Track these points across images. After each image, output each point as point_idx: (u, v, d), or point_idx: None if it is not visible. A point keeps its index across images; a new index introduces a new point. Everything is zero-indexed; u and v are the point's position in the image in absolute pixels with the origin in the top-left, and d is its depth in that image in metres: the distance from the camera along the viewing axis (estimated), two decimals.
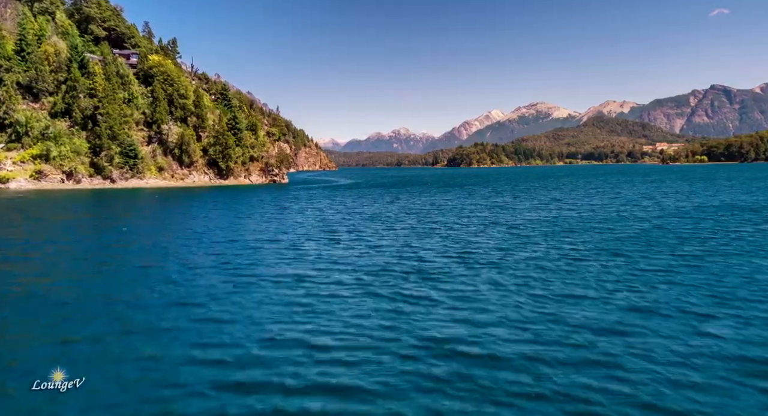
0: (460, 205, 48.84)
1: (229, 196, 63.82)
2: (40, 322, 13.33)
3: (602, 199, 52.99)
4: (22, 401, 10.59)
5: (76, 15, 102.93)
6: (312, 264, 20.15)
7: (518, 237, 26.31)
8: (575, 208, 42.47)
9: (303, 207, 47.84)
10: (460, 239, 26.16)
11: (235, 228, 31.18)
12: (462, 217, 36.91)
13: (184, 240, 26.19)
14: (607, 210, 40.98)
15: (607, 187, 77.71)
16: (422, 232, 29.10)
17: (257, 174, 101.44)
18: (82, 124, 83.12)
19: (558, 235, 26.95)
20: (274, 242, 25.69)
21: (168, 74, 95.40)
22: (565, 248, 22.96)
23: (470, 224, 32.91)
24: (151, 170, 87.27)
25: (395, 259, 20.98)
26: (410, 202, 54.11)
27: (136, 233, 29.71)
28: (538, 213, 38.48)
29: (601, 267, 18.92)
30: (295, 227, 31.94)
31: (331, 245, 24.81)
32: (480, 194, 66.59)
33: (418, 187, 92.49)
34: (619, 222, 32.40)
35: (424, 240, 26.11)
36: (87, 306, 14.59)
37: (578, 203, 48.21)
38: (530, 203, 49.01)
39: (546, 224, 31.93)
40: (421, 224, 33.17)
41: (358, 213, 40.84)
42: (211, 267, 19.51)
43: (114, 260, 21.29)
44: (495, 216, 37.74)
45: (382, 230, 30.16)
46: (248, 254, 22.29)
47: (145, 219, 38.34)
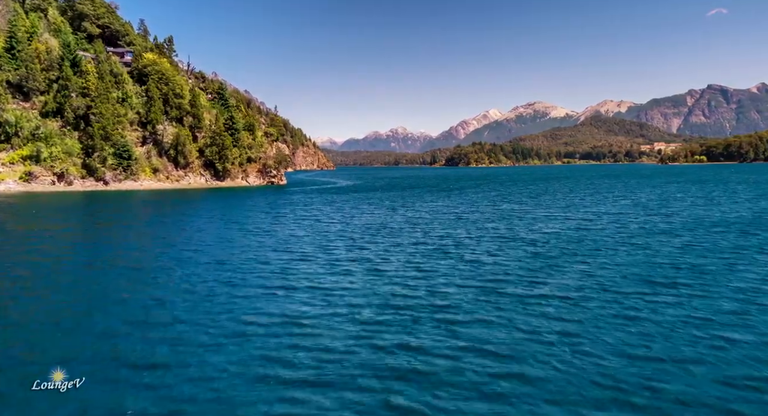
0: (468, 213, 46.12)
1: (223, 201, 61.48)
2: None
3: (618, 206, 50.29)
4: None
5: (69, 12, 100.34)
6: (302, 298, 17.29)
7: (540, 259, 23.68)
8: (594, 219, 39.31)
9: (300, 215, 45.14)
10: (475, 261, 23.51)
11: (224, 245, 28.45)
12: (472, 230, 34.21)
13: (165, 262, 23.64)
14: (630, 220, 38.19)
15: (617, 191, 74.80)
16: (430, 250, 26.49)
17: (255, 175, 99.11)
18: (74, 124, 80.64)
19: (586, 256, 24.28)
20: (264, 264, 23.09)
21: (163, 73, 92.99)
22: (601, 276, 20.07)
23: (482, 238, 30.39)
24: (145, 172, 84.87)
25: (401, 289, 18.40)
26: (413, 208, 51.37)
27: (109, 251, 26.85)
28: (555, 226, 35.86)
29: (657, 305, 16.04)
30: (289, 243, 29.26)
31: (328, 268, 22.21)
32: (487, 199, 63.91)
33: (420, 190, 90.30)
34: (649, 238, 29.53)
35: (433, 261, 23.58)
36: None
37: (595, 211, 45.24)
38: (542, 211, 46.42)
39: (567, 240, 29.21)
40: (428, 238, 30.53)
41: (358, 224, 38.30)
42: (184, 307, 16.33)
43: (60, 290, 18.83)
44: (508, 228, 35.06)
45: (384, 247, 27.55)
46: (232, 282, 19.58)
47: (125, 232, 34.96)
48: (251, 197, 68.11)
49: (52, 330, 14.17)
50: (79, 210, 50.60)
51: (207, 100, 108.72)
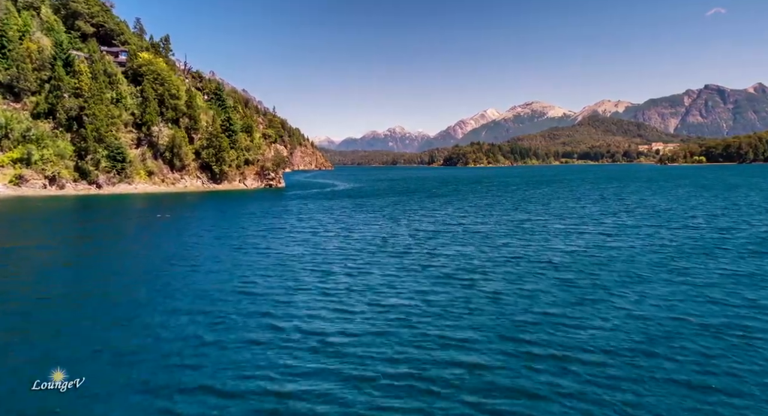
0: (475, 225, 42.84)
1: (217, 208, 58.87)
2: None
3: (636, 216, 46.90)
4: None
5: (63, 10, 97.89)
6: (290, 350, 14.51)
7: (568, 291, 20.68)
8: (616, 234, 35.93)
9: (295, 227, 41.67)
10: (493, 294, 20.63)
11: (209, 269, 25.37)
12: (484, 248, 31.10)
13: (139, 290, 20.90)
14: (655, 235, 35.06)
15: (626, 197, 71.72)
16: (439, 277, 23.57)
17: (252, 178, 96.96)
18: (66, 126, 78.37)
19: (621, 287, 21.25)
20: (249, 296, 20.25)
21: (158, 73, 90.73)
22: (649, 318, 17.17)
23: (496, 259, 27.54)
24: (140, 174, 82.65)
25: (412, 338, 15.44)
26: (415, 218, 48.03)
27: (74, 281, 23.30)
28: (575, 242, 32.70)
29: (731, 364, 13.40)
30: (281, 266, 26.22)
31: (323, 304, 19.27)
32: (492, 207, 60.63)
33: (420, 194, 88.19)
34: (688, 260, 26.33)
35: (444, 293, 20.71)
36: None
37: (613, 224, 42.06)
38: (556, 223, 43.54)
39: (594, 263, 25.99)
40: (435, 260, 27.51)
41: (356, 239, 35.31)
42: (146, 356, 13.76)
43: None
44: (523, 245, 31.93)
45: (387, 272, 24.69)
46: (213, 324, 16.77)
47: (103, 252, 30.97)
48: (247, 203, 65.49)
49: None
50: (65, 219, 48.32)
51: (204, 100, 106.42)
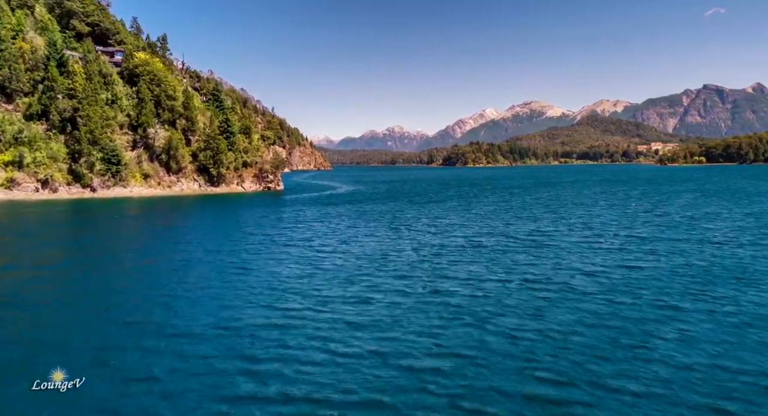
0: (482, 237, 39.65)
1: (212, 215, 56.81)
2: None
3: (656, 229, 42.52)
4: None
5: (57, 9, 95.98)
6: (274, 405, 12.45)
7: (602, 332, 18.08)
8: (639, 251, 32.44)
9: (290, 239, 39.13)
10: (513, 331, 17.76)
11: (192, 293, 22.90)
12: (496, 269, 27.88)
13: (109, 322, 18.64)
14: (683, 255, 31.34)
15: (635, 202, 68.33)
16: (448, 306, 20.78)
17: (251, 180, 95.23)
18: (60, 128, 76.57)
19: (660, 324, 18.52)
20: (233, 332, 17.60)
21: (155, 73, 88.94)
22: (705, 372, 14.72)
23: (510, 283, 24.73)
24: (135, 177, 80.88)
25: (416, 391, 13.23)
26: (417, 228, 45.03)
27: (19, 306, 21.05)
28: (597, 262, 29.76)
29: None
30: (270, 288, 23.73)
31: (312, 344, 16.78)
32: (497, 214, 57.19)
33: (421, 197, 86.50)
34: (728, 286, 23.72)
35: (459, 335, 17.79)
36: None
37: (630, 235, 38.78)
38: (569, 236, 39.88)
39: (625, 292, 23.07)
40: (443, 281, 24.98)
41: (358, 255, 32.60)
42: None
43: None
44: (539, 264, 29.13)
45: (393, 301, 21.86)
46: (187, 357, 14.69)
47: (81, 269, 28.22)
48: (243, 209, 63.29)
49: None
50: (53, 226, 46.64)
51: (201, 101, 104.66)
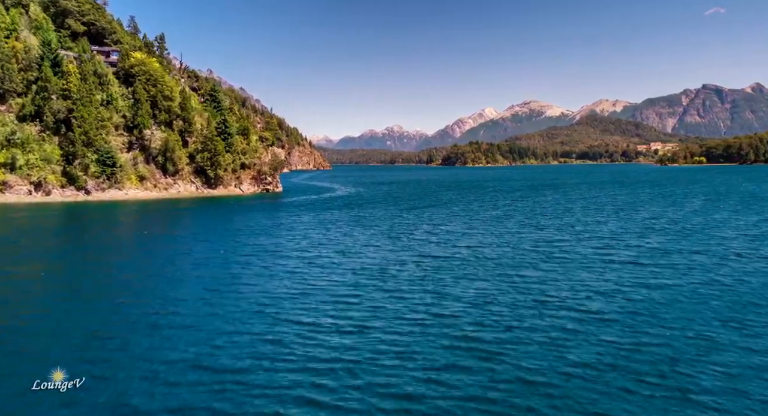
0: (488, 247, 36.04)
1: (205, 221, 54.53)
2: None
3: (669, 239, 39.16)
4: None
5: (52, 8, 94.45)
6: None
7: (632, 369, 15.85)
8: (656, 265, 29.66)
9: (285, 249, 36.51)
10: (532, 379, 15.09)
11: (167, 321, 20.05)
12: (510, 291, 24.84)
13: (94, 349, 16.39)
14: (703, 269, 28.84)
15: (649, 209, 63.27)
16: (459, 341, 18.10)
17: (249, 182, 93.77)
18: (54, 129, 75.07)
19: (697, 367, 15.98)
20: (204, 373, 15.01)
21: (151, 74, 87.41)
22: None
23: (521, 305, 22.20)
24: (131, 179, 79.37)
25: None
26: (418, 238, 41.74)
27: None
28: (612, 279, 27.04)
29: None
30: (258, 312, 21.20)
31: (301, 383, 14.82)
32: (503, 222, 52.57)
33: (422, 201, 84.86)
34: (762, 311, 21.20)
35: (467, 373, 15.57)
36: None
37: (647, 248, 35.17)
38: (583, 247, 36.26)
39: (649, 319, 20.57)
40: (451, 309, 22.04)
41: (355, 269, 29.89)
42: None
43: None
44: (550, 284, 25.96)
45: (392, 328, 19.49)
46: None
47: (46, 290, 25.23)
48: (238, 213, 61.18)
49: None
50: (36, 234, 44.98)
51: (199, 102, 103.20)
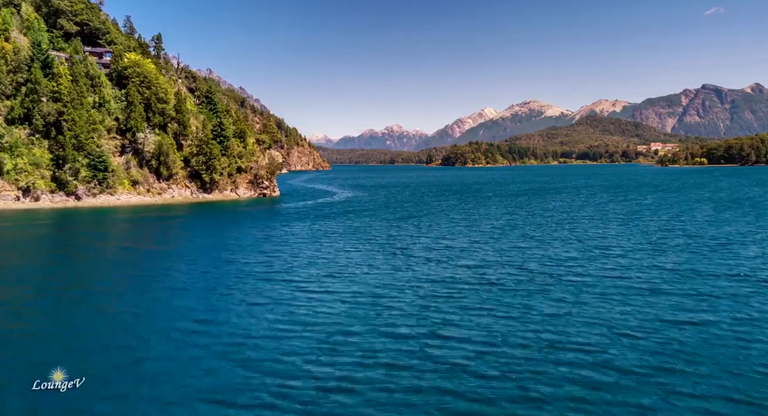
0: (502, 270, 31.57)
1: (191, 231, 51.79)
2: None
3: (692, 258, 35.29)
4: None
5: (44, 8, 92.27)
6: None
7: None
8: (695, 298, 25.40)
9: (270, 271, 32.01)
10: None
11: (124, 367, 16.15)
12: (522, 336, 20.16)
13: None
14: (740, 299, 24.99)
15: (660, 218, 57.34)
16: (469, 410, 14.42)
17: (245, 186, 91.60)
18: (43, 132, 72.84)
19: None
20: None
21: (145, 75, 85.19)
22: None
23: (543, 361, 17.63)
24: (123, 184, 77.16)
25: None
26: (421, 255, 37.21)
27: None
28: (646, 316, 22.42)
29: None
30: (226, 359, 17.45)
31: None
32: (515, 233, 47.48)
33: (422, 208, 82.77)
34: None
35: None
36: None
37: (672, 270, 31.42)
38: (600, 269, 32.30)
39: (709, 379, 16.32)
40: (456, 356, 18.04)
41: (343, 298, 25.84)
42: None
43: None
44: (578, 338, 19.93)
45: (388, 397, 15.26)
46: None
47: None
48: (231, 223, 58.37)
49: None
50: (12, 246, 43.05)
51: (195, 104, 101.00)
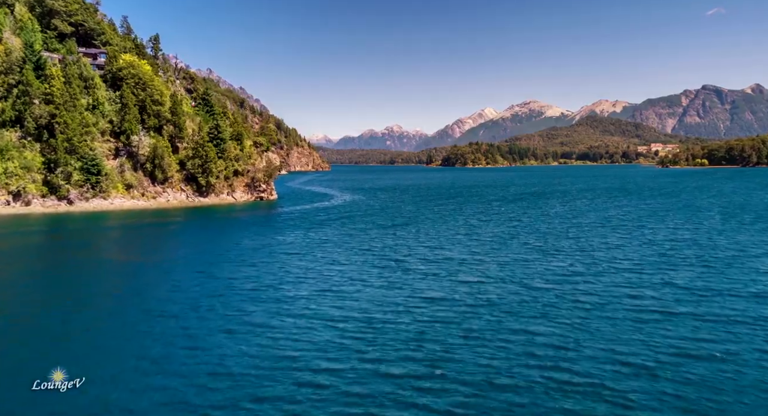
0: (507, 295, 27.54)
1: (180, 240, 50.08)
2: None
3: (718, 278, 31.66)
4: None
5: (38, 8, 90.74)
6: None
7: None
8: (721, 324, 23.01)
9: (253, 290, 29.48)
10: None
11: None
12: (529, 374, 18.02)
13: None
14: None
15: (677, 233, 50.46)
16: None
17: (242, 190, 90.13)
18: (35, 135, 71.37)
19: None
20: None
21: (140, 77, 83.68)
22: None
23: (552, 412, 15.59)
24: (117, 188, 75.64)
25: None
26: (416, 269, 33.19)
27: None
28: (665, 349, 20.17)
29: None
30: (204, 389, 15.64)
31: None
32: (520, 245, 43.17)
33: (421, 213, 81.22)
34: None
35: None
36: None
37: (695, 293, 28.37)
38: (613, 286, 29.19)
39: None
40: (458, 403, 15.80)
41: (330, 323, 23.23)
42: None
43: None
44: (597, 376, 17.95)
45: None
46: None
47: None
48: (222, 231, 56.72)
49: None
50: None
51: (191, 106, 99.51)
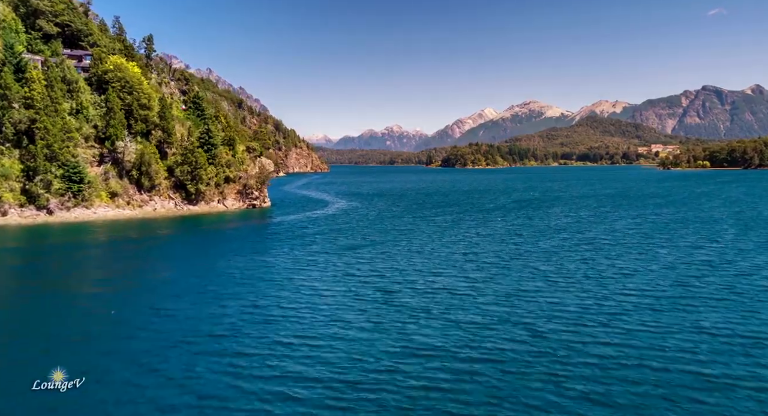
0: (511, 339, 24.53)
1: (157, 257, 47.07)
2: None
3: (747, 309, 28.93)
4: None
5: (22, 8, 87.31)
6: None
7: None
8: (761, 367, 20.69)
9: (224, 320, 26.27)
10: None
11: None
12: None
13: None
14: None
15: (685, 237, 51.30)
16: None
17: (233, 197, 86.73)
18: (14, 141, 67.95)
19: None
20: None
21: (127, 80, 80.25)
22: None
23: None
24: (101, 196, 72.20)
25: None
26: (410, 301, 29.71)
27: None
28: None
29: None
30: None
31: None
32: (523, 266, 39.70)
33: (421, 224, 77.84)
34: None
35: None
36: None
37: (728, 321, 26.50)
38: (627, 312, 27.68)
39: None
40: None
41: (307, 382, 19.69)
42: None
43: None
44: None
45: None
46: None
47: None
48: (206, 245, 53.73)
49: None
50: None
51: (182, 109, 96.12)
